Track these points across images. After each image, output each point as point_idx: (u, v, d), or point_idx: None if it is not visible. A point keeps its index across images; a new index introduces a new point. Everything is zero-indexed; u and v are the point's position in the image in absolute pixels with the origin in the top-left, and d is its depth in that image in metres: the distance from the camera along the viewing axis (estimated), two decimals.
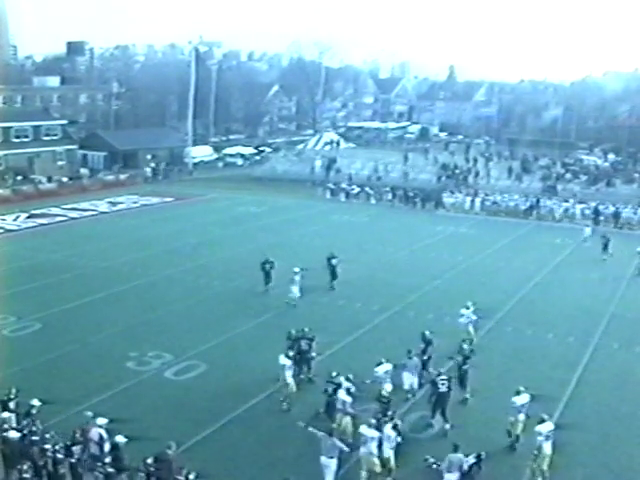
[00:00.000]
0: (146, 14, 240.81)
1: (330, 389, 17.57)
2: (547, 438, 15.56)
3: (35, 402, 15.89)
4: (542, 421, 15.68)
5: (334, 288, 29.05)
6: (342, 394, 17.15)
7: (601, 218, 43.92)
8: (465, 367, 18.96)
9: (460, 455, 14.47)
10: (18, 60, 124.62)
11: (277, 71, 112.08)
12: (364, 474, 15.21)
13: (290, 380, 18.65)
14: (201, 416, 18.17)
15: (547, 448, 15.54)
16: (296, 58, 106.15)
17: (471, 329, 23.20)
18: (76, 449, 14.54)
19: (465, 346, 20.27)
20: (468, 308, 23.39)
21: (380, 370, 18.49)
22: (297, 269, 27.33)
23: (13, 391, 16.47)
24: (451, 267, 33.37)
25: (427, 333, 20.83)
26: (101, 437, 14.71)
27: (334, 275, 29.31)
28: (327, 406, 17.54)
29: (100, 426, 14.78)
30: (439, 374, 17.93)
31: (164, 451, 14.07)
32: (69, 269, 32.06)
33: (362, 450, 15.22)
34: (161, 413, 17.57)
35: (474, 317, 23.29)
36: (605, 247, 35.40)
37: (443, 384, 17.60)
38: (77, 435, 14.79)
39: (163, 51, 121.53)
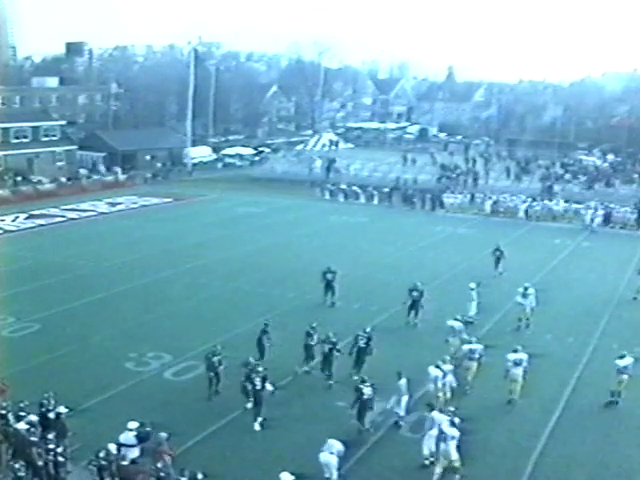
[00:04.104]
0: (145, 15, 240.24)
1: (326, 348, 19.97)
2: (515, 365, 18.53)
3: (62, 409, 15.67)
4: (515, 351, 18.81)
5: (334, 304, 27.22)
6: (455, 322, 21.42)
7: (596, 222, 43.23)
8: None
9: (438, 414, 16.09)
10: (17, 61, 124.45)
11: (276, 72, 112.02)
12: (438, 470, 15.15)
13: (440, 394, 18.03)
14: (201, 416, 18.20)
15: (516, 373, 18.52)
16: (295, 59, 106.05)
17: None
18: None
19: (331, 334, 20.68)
20: (527, 289, 25.21)
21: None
22: (473, 285, 25.82)
23: (52, 402, 15.78)
24: (450, 267, 33.36)
25: None
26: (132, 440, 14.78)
27: (329, 290, 27.32)
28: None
29: (131, 429, 14.76)
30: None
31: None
32: (68, 270, 32.05)
33: (442, 447, 15.14)
34: (160, 414, 17.53)
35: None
36: (497, 261, 31.96)
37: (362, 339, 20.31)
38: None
39: (162, 52, 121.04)
